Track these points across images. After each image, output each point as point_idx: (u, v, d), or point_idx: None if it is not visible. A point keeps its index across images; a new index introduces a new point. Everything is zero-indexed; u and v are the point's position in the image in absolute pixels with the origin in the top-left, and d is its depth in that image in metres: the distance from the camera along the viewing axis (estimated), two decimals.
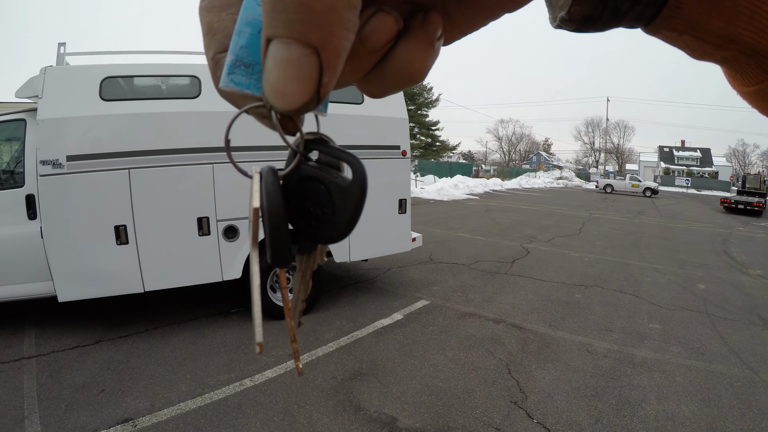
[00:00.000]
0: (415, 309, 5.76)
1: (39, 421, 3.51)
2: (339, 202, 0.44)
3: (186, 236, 4.88)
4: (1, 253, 4.78)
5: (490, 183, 32.53)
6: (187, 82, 4.93)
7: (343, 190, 0.44)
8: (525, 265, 8.10)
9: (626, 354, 4.62)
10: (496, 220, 14.19)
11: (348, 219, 0.44)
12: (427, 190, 23.83)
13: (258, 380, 4.04)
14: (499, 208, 18.33)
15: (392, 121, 5.73)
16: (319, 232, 0.46)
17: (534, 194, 28.47)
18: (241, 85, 0.35)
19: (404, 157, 5.88)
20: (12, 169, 5.11)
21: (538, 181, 41.66)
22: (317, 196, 0.46)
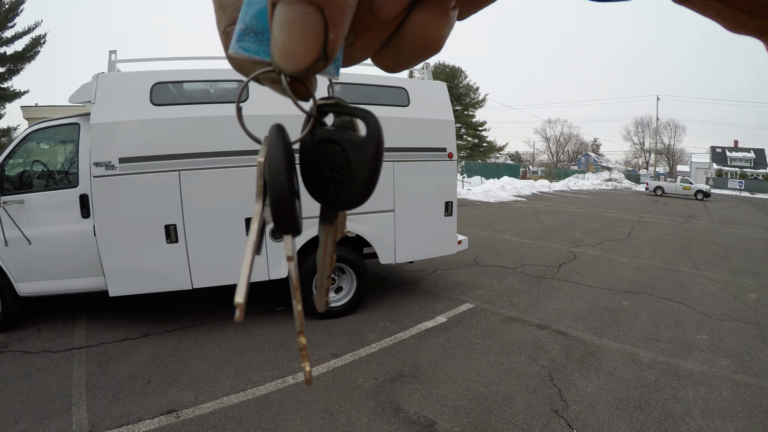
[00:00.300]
0: (459, 312, 5.69)
1: (86, 409, 3.66)
2: (355, 159, 0.43)
3: (234, 236, 4.97)
4: (57, 249, 5.03)
5: (538, 185, 31.84)
6: (234, 86, 5.03)
7: (358, 145, 0.43)
8: (572, 270, 7.87)
9: (672, 365, 4.40)
10: (543, 223, 13.88)
11: (366, 176, 0.42)
12: (473, 191, 23.59)
13: (300, 378, 4.06)
14: (547, 210, 17.93)
15: (438, 123, 5.68)
16: (339, 197, 0.45)
17: (582, 196, 27.70)
18: (251, 51, 0.34)
19: (450, 160, 5.81)
20: (67, 170, 5.36)
21: (586, 183, 40.50)
22: (333, 159, 0.45)
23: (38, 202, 5.05)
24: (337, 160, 0.45)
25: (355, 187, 0.43)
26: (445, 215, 5.86)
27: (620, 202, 24.07)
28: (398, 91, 5.52)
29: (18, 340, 5.02)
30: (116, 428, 3.38)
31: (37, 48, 25.53)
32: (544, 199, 24.32)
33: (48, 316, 5.73)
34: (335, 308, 5.47)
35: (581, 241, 10.87)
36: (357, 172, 0.43)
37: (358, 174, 0.43)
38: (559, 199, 24.24)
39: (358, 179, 0.43)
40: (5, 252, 5.02)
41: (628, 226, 14.02)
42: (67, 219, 5.02)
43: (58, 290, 5.21)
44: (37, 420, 3.52)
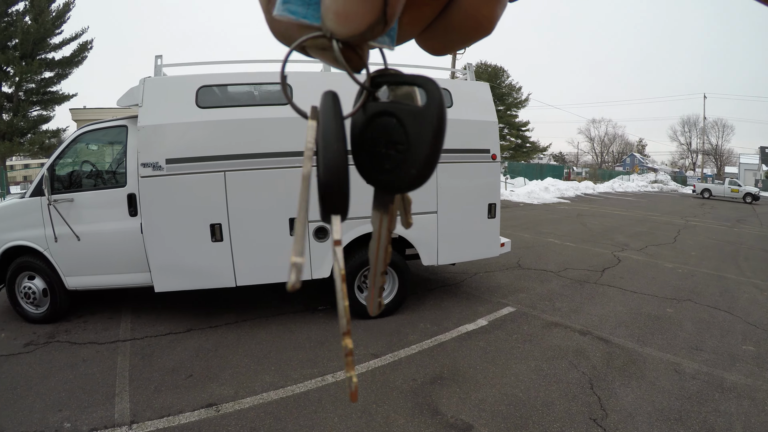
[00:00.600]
0: (500, 316, 5.62)
1: (128, 399, 3.78)
2: (414, 130, 0.38)
3: (278, 235, 5.05)
4: (105, 245, 5.22)
5: (582, 186, 31.12)
6: (278, 89, 5.10)
7: (417, 114, 0.38)
8: (615, 275, 7.65)
9: (715, 377, 4.19)
10: (587, 226, 13.56)
11: (427, 150, 0.38)
12: (517, 192, 23.31)
13: (339, 377, 4.09)
14: (591, 212, 17.50)
15: (482, 124, 5.61)
16: (396, 176, 0.40)
17: (627, 198, 26.90)
18: (297, 14, 0.31)
19: (494, 161, 5.74)
20: (115, 170, 5.56)
21: (631, 185, 39.26)
22: (389, 133, 0.40)
23: (87, 200, 5.25)
24: (394, 134, 0.40)
25: (414, 163, 0.39)
26: (488, 217, 5.78)
27: (666, 205, 23.26)
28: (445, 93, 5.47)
29: (65, 332, 5.24)
30: (157, 419, 3.48)
31: (84, 53, 26.59)
32: (589, 201, 23.75)
33: (95, 309, 5.97)
34: None
35: (626, 245, 10.55)
36: (416, 145, 0.39)
37: (417, 147, 0.38)
38: (603, 201, 23.62)
39: (418, 153, 0.38)
40: (55, 248, 5.24)
41: (674, 230, 13.54)
42: (115, 217, 5.21)
43: (105, 285, 5.41)
44: (81, 408, 3.66)
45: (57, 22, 25.13)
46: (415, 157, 0.38)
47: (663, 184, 43.23)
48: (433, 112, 0.37)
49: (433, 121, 0.37)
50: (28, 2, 24.10)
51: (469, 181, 5.62)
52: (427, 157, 0.38)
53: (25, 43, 23.46)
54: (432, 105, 0.37)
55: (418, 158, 0.38)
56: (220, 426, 3.37)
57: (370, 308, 0.50)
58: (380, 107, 0.41)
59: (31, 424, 3.45)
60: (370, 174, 0.43)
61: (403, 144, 0.39)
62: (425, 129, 0.38)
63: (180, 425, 3.40)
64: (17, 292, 5.46)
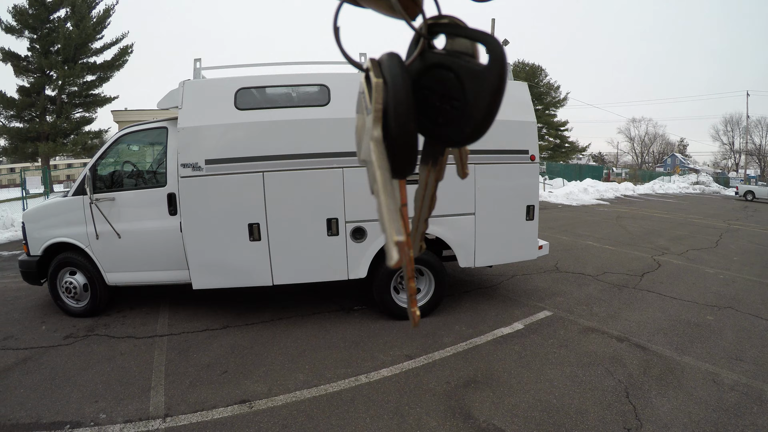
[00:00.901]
0: (536, 319, 5.53)
1: (164, 393, 3.87)
2: (472, 89, 0.37)
3: (315, 236, 5.10)
4: (145, 243, 5.37)
5: (621, 187, 30.34)
6: (316, 90, 5.14)
7: (478, 74, 0.37)
8: (655, 280, 7.42)
9: (755, 389, 3.99)
10: (627, 229, 13.21)
11: (484, 109, 0.37)
12: (555, 194, 22.98)
13: (373, 377, 4.09)
14: (631, 215, 17.04)
15: (520, 124, 5.52)
16: (449, 131, 0.40)
17: (668, 200, 26.08)
18: None
19: (533, 162, 5.65)
20: (155, 170, 5.71)
21: (672, 186, 38.01)
22: (445, 87, 0.39)
23: (128, 199, 5.41)
24: (450, 89, 0.39)
25: (470, 121, 0.38)
26: (527, 219, 5.69)
27: (708, 208, 22.44)
28: None
29: (104, 325, 5.41)
30: (191, 413, 3.56)
31: (125, 57, 27.51)
32: (628, 202, 23.14)
33: (133, 304, 6.14)
34: None
35: (666, 249, 10.24)
36: (474, 104, 0.38)
37: (474, 107, 0.38)
38: (643, 203, 22.97)
39: (475, 113, 0.38)
40: (96, 245, 5.42)
41: (716, 233, 13.06)
42: (155, 216, 5.35)
43: (144, 281, 5.56)
44: (117, 400, 3.77)
45: (98, 28, 26.07)
46: (471, 116, 0.38)
47: (705, 186, 41.66)
48: (495, 74, 0.36)
49: (494, 84, 0.36)
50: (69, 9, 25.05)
51: (508, 182, 5.54)
52: (484, 118, 0.37)
53: (68, 48, 24.39)
54: (494, 67, 0.36)
55: (474, 118, 0.38)
56: (252, 422, 3.42)
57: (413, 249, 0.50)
58: (438, 59, 0.40)
59: (68, 414, 3.58)
60: (422, 125, 0.42)
61: (459, 101, 0.39)
62: (485, 91, 0.37)
63: (213, 420, 3.46)
64: (59, 286, 5.67)
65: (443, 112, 0.39)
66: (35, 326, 5.45)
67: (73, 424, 3.45)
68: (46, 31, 24.83)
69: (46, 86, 25.59)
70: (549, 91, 44.87)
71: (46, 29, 24.86)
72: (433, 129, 0.41)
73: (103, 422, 3.46)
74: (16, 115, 25.57)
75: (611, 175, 45.84)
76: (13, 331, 5.30)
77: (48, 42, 24.77)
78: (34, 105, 25.22)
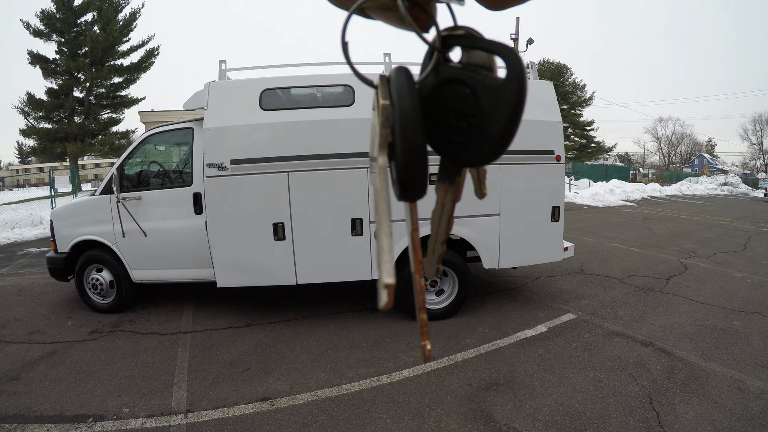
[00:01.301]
0: (560, 322, 5.46)
1: (186, 389, 3.92)
2: (489, 106, 0.35)
3: (340, 235, 5.12)
4: (170, 241, 5.47)
5: (648, 188, 29.72)
6: (341, 91, 5.17)
7: (495, 89, 0.35)
8: (681, 283, 7.27)
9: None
10: (653, 231, 12.97)
11: (503, 127, 0.34)
12: (581, 194, 22.77)
13: (395, 378, 4.09)
14: (657, 216, 16.71)
15: (546, 124, 5.46)
16: (466, 149, 0.37)
17: (695, 202, 25.49)
18: None
19: (558, 162, 5.58)
20: (181, 170, 5.81)
21: (700, 187, 37.09)
22: (461, 104, 0.37)
23: (154, 198, 5.51)
24: (466, 105, 0.37)
25: (488, 140, 0.36)
26: (552, 220, 5.62)
27: (736, 210, 21.87)
28: None
29: (129, 322, 5.53)
30: (212, 409, 3.60)
31: (151, 59, 28.03)
32: (655, 204, 22.70)
33: (158, 301, 6.26)
34: (435, 311, 5.45)
35: (693, 251, 10.03)
36: (491, 121, 0.35)
37: (492, 124, 0.35)
38: (670, 205, 22.50)
39: (493, 131, 0.35)
40: (122, 242, 5.54)
41: (745, 236, 12.72)
42: (180, 215, 5.44)
43: (169, 279, 5.66)
44: (140, 395, 3.84)
45: (124, 31, 26.60)
46: (488, 134, 0.36)
47: (733, 187, 40.53)
48: (514, 89, 0.34)
49: (512, 99, 0.34)
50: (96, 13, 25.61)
51: (533, 183, 5.48)
52: (503, 136, 0.35)
53: (95, 50, 24.94)
54: (513, 81, 0.34)
55: (491, 137, 0.35)
56: (273, 420, 3.45)
57: (429, 272, 0.50)
58: (453, 73, 0.38)
59: (91, 407, 3.66)
60: (437, 142, 0.40)
61: (475, 118, 0.36)
62: (502, 107, 0.34)
63: (234, 417, 3.49)
64: (85, 283, 5.81)
65: (459, 130, 0.37)
66: (61, 321, 5.59)
67: (96, 417, 3.52)
68: (73, 35, 25.43)
69: (74, 88, 26.20)
70: (575, 91, 44.21)
71: (73, 33, 25.46)
72: (449, 148, 0.39)
73: (125, 416, 3.53)
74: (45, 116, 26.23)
75: (638, 175, 44.97)
76: (40, 326, 5.45)
77: (75, 45, 25.37)
78: (63, 106, 25.85)
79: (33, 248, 10.99)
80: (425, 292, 0.37)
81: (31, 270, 8.49)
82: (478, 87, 0.36)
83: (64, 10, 25.08)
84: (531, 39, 26.10)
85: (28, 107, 25.63)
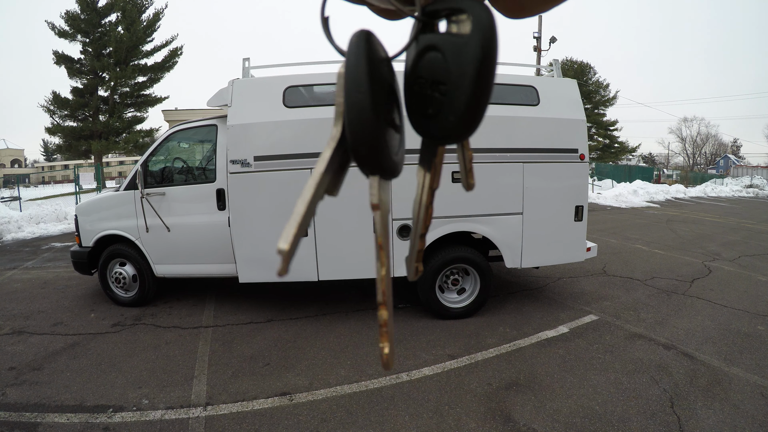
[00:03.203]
0: (582, 323, 5.40)
1: (206, 382, 3.97)
2: (455, 66, 0.31)
3: (362, 233, 5.12)
4: (193, 237, 5.54)
5: (672, 190, 29.20)
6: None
7: (459, 47, 0.31)
8: (705, 286, 7.14)
9: None
10: (677, 233, 12.75)
11: (467, 90, 0.31)
12: (604, 195, 22.54)
13: (414, 376, 4.09)
14: (681, 218, 16.43)
15: (569, 122, 5.40)
16: (436, 122, 0.34)
17: (720, 204, 24.95)
18: None
19: (582, 161, 5.51)
20: (204, 166, 5.88)
21: (725, 189, 36.26)
22: (433, 71, 0.33)
23: (178, 194, 5.59)
24: (438, 71, 0.33)
25: (453, 108, 0.32)
26: (575, 220, 5.55)
27: (762, 212, 21.31)
28: (528, 90, 5.33)
29: (151, 315, 5.62)
30: (231, 403, 3.64)
31: (175, 58, 28.41)
32: (679, 206, 22.30)
33: (180, 296, 6.35)
34: (456, 309, 5.44)
35: (717, 254, 9.83)
36: (457, 84, 0.31)
37: (458, 87, 0.31)
38: (694, 207, 22.07)
39: (459, 94, 0.31)
40: (146, 237, 5.63)
41: None
42: (203, 210, 5.51)
43: (192, 274, 5.74)
44: (160, 387, 3.90)
45: (148, 31, 27.01)
46: (454, 100, 0.32)
47: (759, 189, 39.56)
48: (476, 41, 0.30)
49: (476, 53, 0.30)
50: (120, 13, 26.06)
51: (556, 182, 5.42)
52: (468, 100, 0.31)
53: (119, 50, 25.38)
54: (476, 33, 0.30)
55: (457, 102, 0.31)
56: (291, 415, 3.47)
57: (409, 272, 0.45)
58: (428, 40, 0.34)
59: (111, 398, 3.72)
60: (417, 119, 0.36)
61: (445, 84, 0.33)
62: (467, 64, 0.31)
63: (253, 411, 3.53)
64: (108, 277, 5.93)
65: (433, 101, 0.33)
66: (84, 314, 5.71)
67: (116, 408, 3.58)
68: (97, 35, 25.91)
69: (98, 87, 26.70)
70: (598, 90, 43.63)
71: (97, 33, 25.94)
72: (422, 122, 0.35)
73: (145, 407, 3.58)
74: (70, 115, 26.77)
75: (662, 176, 44.20)
76: (63, 318, 5.57)
77: (100, 45, 25.85)
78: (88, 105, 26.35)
79: (57, 243, 11.24)
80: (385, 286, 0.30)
81: (56, 264, 8.69)
82: (446, 47, 0.32)
83: (88, 11, 25.57)
84: (554, 37, 25.87)
85: (53, 106, 26.18)
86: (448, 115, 0.32)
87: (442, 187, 0.40)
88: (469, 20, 0.30)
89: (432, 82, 0.34)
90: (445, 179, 0.76)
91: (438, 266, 5.27)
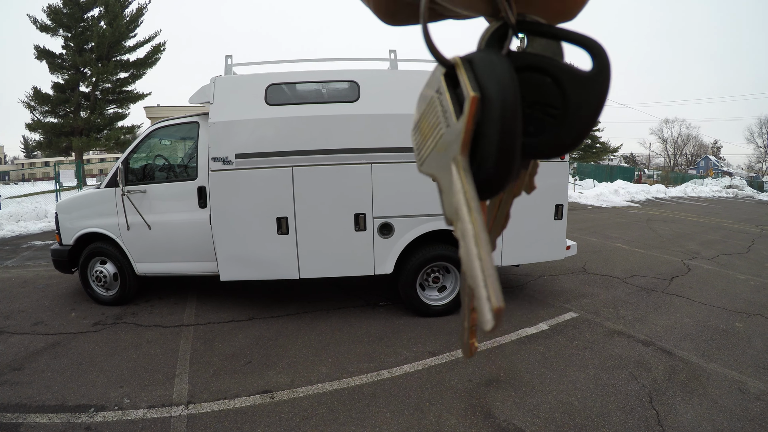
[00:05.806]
0: (562, 321, 5.47)
1: (188, 380, 3.96)
2: (576, 97, 0.34)
3: (343, 230, 5.14)
4: (174, 234, 5.50)
5: (653, 189, 29.55)
6: (346, 87, 5.17)
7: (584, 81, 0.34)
8: (684, 284, 7.26)
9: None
10: (657, 232, 12.94)
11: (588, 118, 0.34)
12: (585, 195, 22.68)
13: (395, 373, 4.11)
14: (662, 218, 16.65)
15: None
16: (543, 141, 0.35)
17: (700, 204, 25.36)
18: None
19: (562, 161, 5.58)
20: (186, 164, 5.83)
21: (705, 189, 36.86)
22: (539, 94, 0.35)
23: (159, 192, 5.54)
24: (546, 95, 0.35)
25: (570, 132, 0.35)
26: (555, 219, 5.61)
27: (741, 212, 21.74)
28: None
29: (132, 314, 5.56)
30: (213, 401, 3.63)
31: (158, 54, 27.99)
32: (660, 205, 22.60)
33: (161, 294, 6.29)
34: (438, 307, 5.47)
35: (696, 253, 10.01)
36: (577, 114, 0.34)
37: (577, 117, 0.34)
38: (675, 206, 22.40)
39: (578, 123, 0.34)
40: (127, 235, 5.57)
41: (749, 239, 12.68)
42: (185, 208, 5.47)
43: (173, 272, 5.69)
44: (141, 386, 3.87)
45: (131, 26, 26.60)
46: (573, 125, 0.34)
47: (738, 190, 40.24)
48: (605, 82, 0.33)
49: (603, 92, 0.33)
50: (102, 8, 25.66)
51: (536, 180, 5.47)
52: (587, 127, 0.34)
53: (101, 46, 24.97)
54: (603, 73, 0.33)
55: (575, 128, 0.34)
56: (273, 412, 3.47)
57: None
58: (532, 60, 0.36)
59: (93, 398, 3.69)
60: None
61: (557, 109, 0.35)
62: (591, 99, 0.34)
63: (235, 408, 3.53)
64: (89, 275, 5.85)
65: (534, 121, 0.35)
66: (65, 313, 5.63)
67: (97, 407, 3.55)
68: (80, 30, 25.47)
69: (80, 83, 26.24)
70: None
71: (80, 28, 25.50)
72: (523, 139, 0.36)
73: (127, 407, 3.56)
74: (51, 111, 26.28)
75: (643, 176, 44.79)
76: (44, 317, 5.49)
77: (82, 40, 25.41)
78: (69, 101, 25.90)
79: (37, 241, 11.05)
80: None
81: (36, 262, 8.54)
82: (564, 77, 0.34)
83: (70, 5, 25.12)
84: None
85: (34, 101, 25.68)
86: (563, 135, 0.34)
87: (421, 185, 0.39)
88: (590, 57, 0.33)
89: (534, 102, 0.35)
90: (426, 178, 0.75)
91: (419, 264, 5.29)
